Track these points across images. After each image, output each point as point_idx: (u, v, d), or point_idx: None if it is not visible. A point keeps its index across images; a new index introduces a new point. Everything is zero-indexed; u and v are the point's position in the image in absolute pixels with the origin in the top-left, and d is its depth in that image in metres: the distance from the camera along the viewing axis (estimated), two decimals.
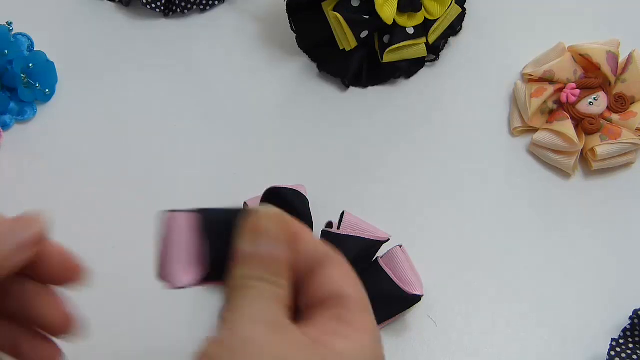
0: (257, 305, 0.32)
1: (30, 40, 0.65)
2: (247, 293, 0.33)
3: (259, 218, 0.34)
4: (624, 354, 0.53)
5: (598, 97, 0.62)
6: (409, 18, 0.63)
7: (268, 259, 0.33)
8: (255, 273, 0.33)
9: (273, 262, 0.34)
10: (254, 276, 0.33)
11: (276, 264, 0.34)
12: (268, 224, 0.34)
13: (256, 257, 0.34)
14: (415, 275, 0.54)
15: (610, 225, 0.60)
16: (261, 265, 0.33)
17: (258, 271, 0.33)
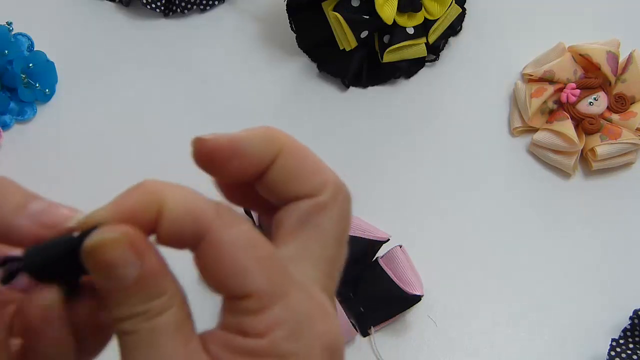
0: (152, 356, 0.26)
1: (30, 40, 0.65)
2: (138, 342, 0.27)
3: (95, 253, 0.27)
4: (624, 354, 0.53)
5: (598, 97, 0.62)
6: (409, 18, 0.63)
7: (132, 292, 0.27)
8: (128, 311, 0.27)
9: (141, 292, 0.27)
10: (133, 314, 0.27)
11: (146, 290, 0.27)
12: (111, 253, 0.27)
13: (119, 293, 0.27)
14: (415, 275, 0.54)
15: (610, 225, 0.60)
16: (129, 302, 0.27)
17: (130, 309, 0.27)
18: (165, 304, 0.27)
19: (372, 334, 0.55)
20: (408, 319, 0.56)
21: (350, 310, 0.55)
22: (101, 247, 0.27)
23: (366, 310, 0.54)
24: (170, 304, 0.27)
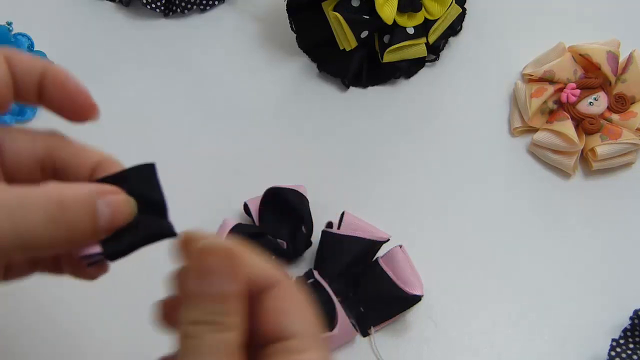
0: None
1: (30, 40, 0.65)
2: (192, 348, 0.31)
3: (206, 253, 0.31)
4: (624, 354, 0.53)
5: (598, 97, 0.62)
6: (409, 18, 0.63)
7: (218, 299, 0.31)
8: (204, 317, 0.31)
9: (223, 302, 0.31)
10: (202, 321, 0.31)
11: (226, 303, 0.31)
12: (216, 260, 0.31)
13: (205, 298, 0.31)
14: (415, 275, 0.54)
15: (610, 225, 0.60)
16: (210, 307, 0.31)
17: (204, 315, 0.31)
18: (234, 324, 0.31)
19: (372, 334, 0.55)
20: (408, 319, 0.56)
21: (350, 310, 0.55)
22: (215, 252, 0.31)
23: (366, 310, 0.54)
24: (237, 326, 0.31)
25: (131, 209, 0.33)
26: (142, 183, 0.35)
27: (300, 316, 0.33)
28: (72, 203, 0.31)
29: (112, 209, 0.32)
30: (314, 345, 0.32)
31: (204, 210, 0.58)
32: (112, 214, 0.32)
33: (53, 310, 0.55)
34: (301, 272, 0.56)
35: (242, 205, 0.58)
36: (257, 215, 0.57)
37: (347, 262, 0.54)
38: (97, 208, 0.32)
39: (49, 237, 0.31)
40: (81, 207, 0.31)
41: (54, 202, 0.31)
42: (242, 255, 0.33)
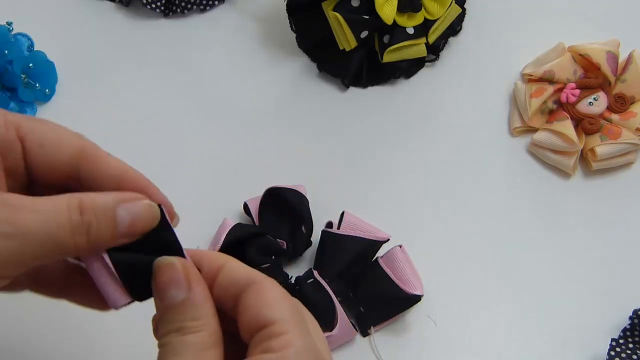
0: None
1: (30, 40, 0.65)
2: (168, 351, 0.33)
3: (158, 271, 0.35)
4: (624, 354, 0.53)
5: (598, 97, 0.62)
6: (409, 18, 0.63)
7: (176, 309, 0.34)
8: (168, 327, 0.34)
9: (182, 311, 0.34)
10: (172, 329, 0.34)
11: (187, 311, 0.34)
12: (166, 275, 0.35)
13: (166, 311, 0.34)
14: (415, 275, 0.54)
15: (610, 225, 0.60)
16: (171, 318, 0.34)
17: (169, 325, 0.34)
18: (198, 327, 0.34)
19: (372, 334, 0.55)
20: (408, 319, 0.56)
21: (350, 310, 0.55)
22: (163, 268, 0.35)
23: (366, 310, 0.54)
24: (202, 328, 0.34)
25: (153, 214, 0.35)
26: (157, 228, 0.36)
27: (278, 305, 0.34)
28: (91, 207, 0.33)
29: (133, 214, 0.34)
30: (295, 328, 0.34)
31: (204, 210, 0.58)
32: (133, 219, 0.34)
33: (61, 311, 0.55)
34: (301, 272, 0.56)
35: (242, 205, 0.58)
36: (257, 215, 0.57)
37: (347, 262, 0.54)
38: (117, 215, 0.34)
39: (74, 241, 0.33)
40: (100, 213, 0.34)
41: (76, 207, 0.33)
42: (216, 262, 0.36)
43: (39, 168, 0.36)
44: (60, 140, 0.36)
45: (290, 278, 0.55)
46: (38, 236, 0.32)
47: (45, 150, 0.36)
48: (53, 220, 0.32)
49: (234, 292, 0.35)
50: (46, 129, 0.36)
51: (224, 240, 0.54)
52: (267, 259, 0.55)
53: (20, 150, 0.36)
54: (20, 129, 0.36)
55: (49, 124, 0.37)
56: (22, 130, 0.36)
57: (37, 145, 0.36)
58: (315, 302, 0.53)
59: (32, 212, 0.32)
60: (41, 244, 0.32)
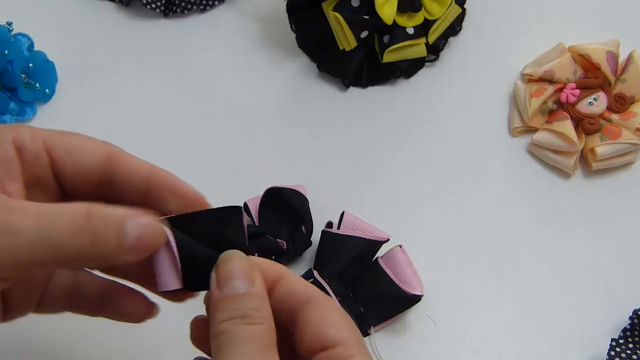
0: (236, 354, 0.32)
1: (30, 40, 0.65)
2: (225, 341, 0.33)
3: (224, 262, 0.35)
4: (623, 354, 0.53)
5: (598, 97, 0.62)
6: (409, 18, 0.63)
7: (239, 298, 0.34)
8: (229, 314, 0.34)
9: (245, 300, 0.34)
10: (229, 317, 0.33)
11: (249, 299, 0.34)
12: (232, 266, 0.35)
13: (226, 300, 0.34)
14: (415, 275, 0.54)
15: (610, 225, 0.60)
16: (233, 306, 0.34)
17: (231, 312, 0.34)
18: (259, 318, 0.34)
19: (372, 334, 0.55)
20: (408, 319, 0.56)
21: (350, 310, 0.55)
22: (229, 259, 0.35)
23: (366, 310, 0.54)
24: (263, 320, 0.34)
25: (159, 235, 0.35)
26: (224, 224, 0.36)
27: (342, 325, 0.35)
28: (99, 215, 0.33)
29: (140, 231, 0.34)
30: (360, 351, 0.34)
31: None
32: (139, 237, 0.34)
33: None
34: (301, 272, 0.56)
35: (242, 205, 0.58)
36: (257, 215, 0.57)
37: (347, 262, 0.54)
38: (125, 227, 0.33)
39: (74, 244, 0.32)
40: (107, 221, 0.33)
41: (82, 212, 0.33)
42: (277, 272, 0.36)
43: (69, 177, 0.37)
44: (87, 147, 0.37)
45: None
46: (29, 235, 0.32)
47: (73, 158, 0.36)
48: (51, 222, 0.32)
49: (292, 305, 0.35)
50: (72, 139, 0.37)
51: None
52: (267, 259, 0.55)
53: (47, 161, 0.36)
54: (47, 141, 0.36)
55: (74, 134, 0.37)
56: (48, 142, 0.36)
57: (65, 153, 0.36)
58: None
59: (28, 213, 0.32)
60: (33, 244, 0.32)
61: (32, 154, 0.36)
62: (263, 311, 0.34)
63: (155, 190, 0.37)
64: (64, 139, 0.37)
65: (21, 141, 0.36)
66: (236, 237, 0.36)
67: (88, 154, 0.37)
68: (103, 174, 0.37)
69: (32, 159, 0.36)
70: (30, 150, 0.36)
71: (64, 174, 0.37)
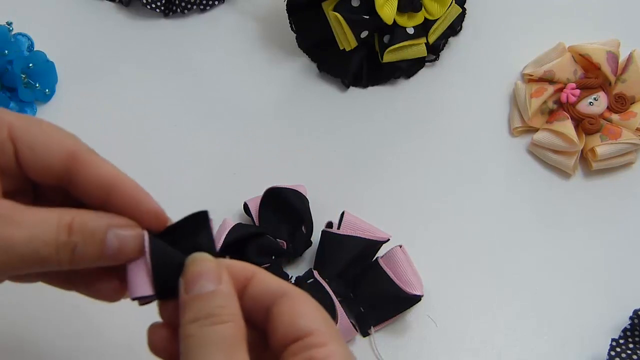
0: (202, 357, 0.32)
1: (30, 40, 0.65)
2: (192, 344, 0.33)
3: (191, 265, 0.35)
4: (624, 354, 0.53)
5: (598, 97, 0.62)
6: (409, 18, 0.63)
7: (205, 297, 0.34)
8: (194, 315, 0.34)
9: (211, 298, 0.34)
10: (200, 316, 0.33)
11: (216, 299, 0.34)
12: (199, 267, 0.35)
13: (193, 300, 0.34)
14: (415, 275, 0.54)
15: (610, 225, 0.60)
16: (199, 306, 0.34)
17: (196, 312, 0.34)
18: (226, 315, 0.33)
19: (372, 334, 0.55)
20: (408, 319, 0.56)
21: (350, 310, 0.55)
22: (196, 261, 0.35)
23: (366, 310, 0.54)
24: (230, 318, 0.33)
25: (139, 244, 0.35)
26: (193, 231, 0.37)
27: (314, 315, 0.34)
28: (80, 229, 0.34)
29: (121, 241, 0.35)
30: (333, 338, 0.34)
31: None
32: (120, 246, 0.35)
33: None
34: (301, 272, 0.56)
35: (242, 205, 0.58)
36: (257, 215, 0.57)
37: (347, 262, 0.54)
38: (106, 239, 0.34)
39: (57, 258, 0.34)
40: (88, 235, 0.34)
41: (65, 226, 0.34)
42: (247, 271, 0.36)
43: (30, 170, 0.36)
44: (51, 142, 0.36)
45: (290, 278, 0.55)
46: (20, 251, 0.33)
47: (34, 153, 0.36)
48: (39, 238, 0.33)
49: (265, 302, 0.35)
50: (37, 131, 0.36)
51: (224, 240, 0.54)
52: (267, 259, 0.55)
53: (12, 151, 0.36)
54: (13, 129, 0.36)
55: (42, 124, 0.37)
56: (14, 131, 0.36)
57: (27, 147, 0.36)
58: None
59: (19, 227, 0.33)
60: (23, 257, 0.33)
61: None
62: (230, 308, 0.34)
63: (115, 199, 0.36)
64: (29, 130, 0.36)
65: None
66: (205, 241, 0.36)
67: (50, 150, 0.36)
68: (64, 172, 0.36)
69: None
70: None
71: (26, 167, 0.36)
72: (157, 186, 0.60)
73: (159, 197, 0.62)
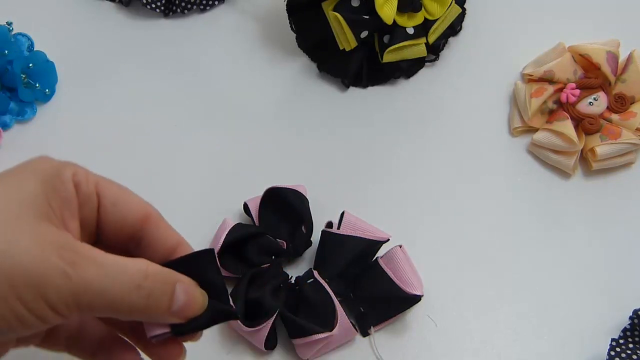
0: None
1: (30, 40, 0.65)
2: None
3: None
4: (623, 354, 0.53)
5: (598, 97, 0.62)
6: (409, 18, 0.63)
7: None
8: None
9: None
10: None
11: None
12: None
13: None
14: (415, 275, 0.54)
15: (610, 226, 0.60)
16: None
17: None
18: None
19: (372, 334, 0.55)
20: (408, 319, 0.56)
21: (350, 310, 0.55)
22: None
23: (366, 310, 0.54)
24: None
25: (204, 302, 0.37)
26: (204, 267, 0.38)
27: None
28: (155, 276, 0.36)
29: (188, 297, 0.37)
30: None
31: (204, 210, 0.58)
32: (187, 301, 0.36)
33: None
34: (301, 272, 0.56)
35: (242, 205, 0.58)
36: (257, 215, 0.57)
37: (347, 262, 0.54)
38: (176, 292, 0.36)
39: (130, 302, 0.35)
40: (162, 283, 0.36)
41: (142, 272, 0.35)
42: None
43: (108, 225, 0.38)
44: (132, 201, 0.39)
45: (290, 278, 0.55)
46: (93, 287, 0.34)
47: (117, 209, 0.38)
48: (116, 278, 0.34)
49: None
50: (119, 191, 0.39)
51: (224, 240, 0.54)
52: (267, 259, 0.55)
53: (96, 206, 0.38)
54: (99, 186, 0.38)
55: (121, 186, 0.39)
56: (99, 187, 0.38)
57: (111, 203, 0.38)
58: (315, 302, 0.53)
59: (96, 265, 0.34)
60: (94, 294, 0.34)
61: (86, 195, 0.37)
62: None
63: None
64: (112, 187, 0.38)
65: (78, 180, 0.37)
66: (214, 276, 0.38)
67: (130, 208, 0.38)
68: (137, 231, 0.39)
69: (85, 200, 0.37)
70: (85, 192, 0.37)
71: (105, 221, 0.38)
72: (157, 186, 0.61)
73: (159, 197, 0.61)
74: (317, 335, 0.51)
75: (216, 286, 0.38)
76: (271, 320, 0.52)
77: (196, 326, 0.38)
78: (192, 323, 0.37)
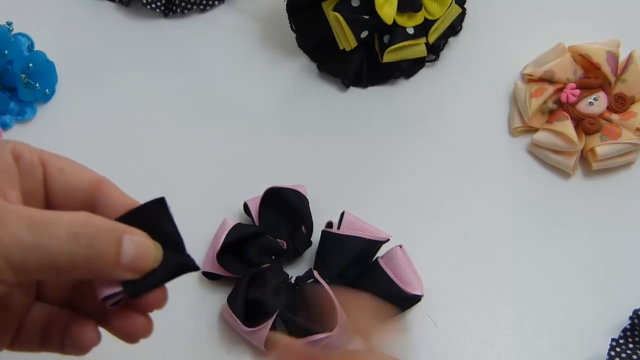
0: None
1: (30, 40, 0.65)
2: None
3: None
4: (623, 354, 0.53)
5: (598, 97, 0.62)
6: (409, 18, 0.63)
7: None
8: None
9: None
10: None
11: None
12: None
13: None
14: (415, 275, 0.54)
15: (610, 225, 0.60)
16: None
17: None
18: None
19: None
20: (408, 319, 0.56)
21: None
22: None
23: None
24: None
25: (157, 254, 0.35)
26: (155, 218, 0.36)
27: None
28: (96, 224, 0.33)
29: (139, 248, 0.34)
30: None
31: (204, 210, 0.58)
32: (138, 253, 0.34)
33: None
34: (301, 272, 0.56)
35: (242, 205, 0.58)
36: (257, 215, 0.57)
37: (347, 262, 0.54)
38: (122, 241, 0.34)
39: (69, 252, 0.32)
40: (104, 231, 0.33)
41: (80, 221, 0.33)
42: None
43: (57, 192, 0.37)
44: (79, 170, 0.38)
45: (290, 278, 0.55)
46: (24, 240, 0.32)
47: (64, 174, 0.37)
48: (48, 229, 0.32)
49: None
50: (66, 160, 0.38)
51: (224, 240, 0.54)
52: (267, 259, 0.55)
53: (41, 174, 0.37)
54: (42, 155, 0.37)
55: (68, 158, 0.38)
56: (44, 157, 0.37)
57: (57, 169, 0.37)
58: (315, 302, 0.53)
59: (25, 219, 0.32)
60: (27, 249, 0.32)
61: (28, 164, 0.37)
62: None
63: None
64: (58, 157, 0.38)
65: (19, 152, 0.37)
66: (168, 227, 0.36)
67: (79, 174, 0.38)
68: (89, 198, 0.37)
69: (28, 170, 0.37)
70: (27, 162, 0.37)
71: (54, 189, 0.37)
72: (157, 186, 0.61)
73: None
74: (317, 335, 0.51)
75: (171, 237, 0.36)
76: (271, 320, 0.52)
77: (152, 282, 0.35)
78: (148, 279, 0.34)
